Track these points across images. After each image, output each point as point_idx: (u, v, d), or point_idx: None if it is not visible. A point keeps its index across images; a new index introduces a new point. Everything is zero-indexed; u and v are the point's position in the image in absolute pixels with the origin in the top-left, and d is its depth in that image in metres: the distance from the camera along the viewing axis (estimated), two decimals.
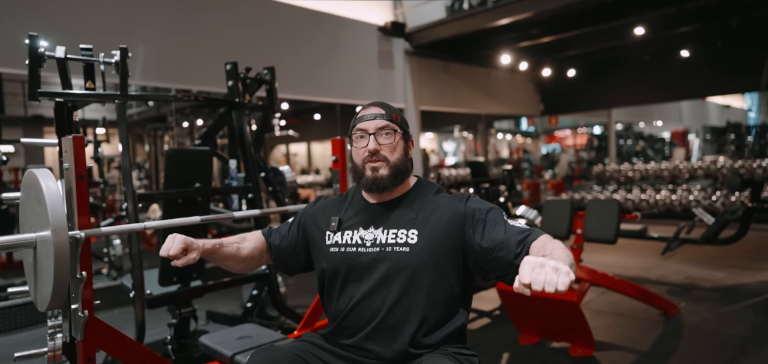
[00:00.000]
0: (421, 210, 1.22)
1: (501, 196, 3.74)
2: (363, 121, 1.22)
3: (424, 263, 1.16)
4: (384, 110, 1.23)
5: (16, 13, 4.28)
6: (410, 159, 1.27)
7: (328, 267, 1.24)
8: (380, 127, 1.21)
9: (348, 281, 1.21)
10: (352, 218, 1.26)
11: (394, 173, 1.21)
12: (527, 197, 9.43)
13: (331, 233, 1.26)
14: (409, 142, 1.27)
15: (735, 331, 2.87)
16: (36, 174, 1.26)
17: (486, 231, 1.14)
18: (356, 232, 1.23)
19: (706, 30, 8.02)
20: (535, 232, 1.11)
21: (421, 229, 1.18)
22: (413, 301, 1.15)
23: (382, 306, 1.16)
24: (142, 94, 4.45)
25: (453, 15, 7.28)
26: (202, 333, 1.81)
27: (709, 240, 3.98)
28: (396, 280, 1.16)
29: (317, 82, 6.74)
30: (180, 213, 2.30)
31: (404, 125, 1.26)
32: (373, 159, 1.20)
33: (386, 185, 1.20)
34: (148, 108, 11.03)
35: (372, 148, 1.20)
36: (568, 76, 10.18)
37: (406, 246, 1.17)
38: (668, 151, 16.35)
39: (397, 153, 1.22)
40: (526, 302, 2.74)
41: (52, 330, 1.59)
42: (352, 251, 1.21)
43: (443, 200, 1.23)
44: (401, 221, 1.21)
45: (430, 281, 1.16)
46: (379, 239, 1.20)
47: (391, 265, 1.17)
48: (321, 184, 9.17)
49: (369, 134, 1.20)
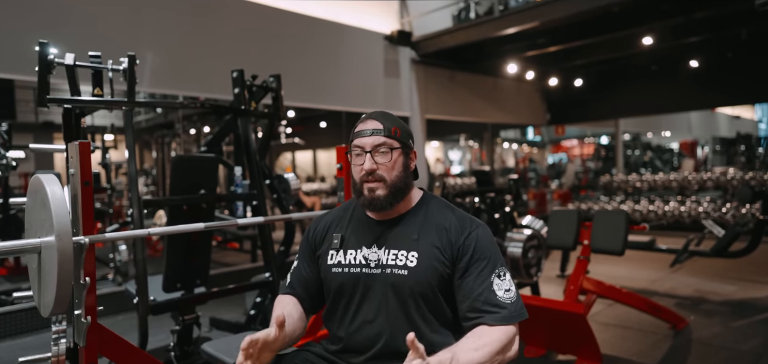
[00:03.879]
0: (423, 231, 1.18)
1: (507, 205, 3.71)
2: (360, 136, 1.16)
3: (422, 287, 1.13)
4: (382, 124, 1.16)
5: (27, 20, 4.34)
6: (412, 173, 1.22)
7: (332, 287, 1.22)
8: (377, 144, 1.15)
9: (352, 302, 1.19)
10: (354, 236, 1.23)
11: (393, 193, 1.16)
12: (533, 207, 9.36)
13: (333, 252, 1.23)
14: (410, 155, 1.21)
15: (746, 346, 2.81)
16: (42, 180, 1.27)
17: (468, 274, 1.13)
18: (359, 251, 1.20)
19: (715, 40, 7.96)
20: (502, 314, 1.07)
21: (421, 251, 1.15)
22: (413, 324, 1.14)
23: (385, 329, 1.15)
24: (150, 101, 4.49)
25: (459, 24, 7.30)
26: (205, 340, 1.81)
27: (719, 253, 3.92)
28: (396, 302, 1.15)
29: (323, 90, 6.77)
30: (185, 219, 2.31)
31: (404, 138, 1.19)
32: (369, 179, 1.15)
33: (383, 206, 1.16)
34: (155, 115, 11.13)
35: (368, 168, 1.14)
36: (575, 86, 10.14)
37: (406, 269, 1.15)
38: (677, 162, 16.21)
39: (395, 171, 1.16)
40: (532, 314, 2.70)
41: (56, 335, 1.59)
42: (356, 272, 1.19)
43: (446, 222, 1.18)
44: (402, 241, 1.17)
45: (429, 304, 1.14)
46: (381, 259, 1.17)
47: (391, 287, 1.15)
48: (326, 191, 9.17)
49: (366, 152, 1.15)
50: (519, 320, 1.10)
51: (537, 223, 3.65)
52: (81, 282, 1.35)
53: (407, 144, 1.20)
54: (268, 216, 2.46)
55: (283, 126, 10.08)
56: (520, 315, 1.10)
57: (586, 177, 14.28)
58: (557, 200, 10.14)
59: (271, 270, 2.52)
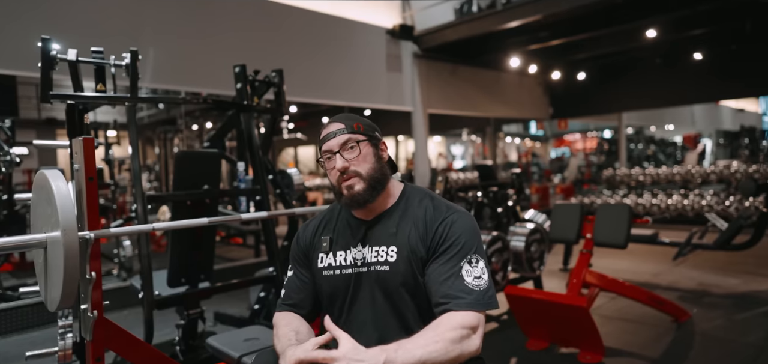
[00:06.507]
0: (401, 224, 1.19)
1: (509, 200, 3.71)
2: (326, 140, 1.18)
3: (404, 279, 1.14)
4: (343, 123, 1.18)
5: (29, 16, 4.35)
6: (386, 163, 1.22)
7: (325, 290, 1.23)
8: (343, 142, 1.16)
9: (344, 304, 1.21)
10: (342, 237, 1.24)
11: (371, 184, 1.16)
12: (536, 201, 9.35)
13: (323, 255, 1.24)
14: (379, 145, 1.21)
15: (748, 339, 2.81)
16: (46, 175, 1.27)
17: (437, 259, 1.12)
18: (349, 252, 1.21)
19: (719, 32, 7.91)
20: (466, 300, 1.05)
21: (399, 245, 1.16)
22: (403, 318, 1.15)
23: (378, 326, 1.16)
24: (153, 97, 4.50)
25: (462, 18, 7.27)
26: (209, 334, 1.82)
27: (722, 246, 3.91)
28: (383, 298, 1.16)
29: (325, 85, 6.76)
30: (189, 215, 2.32)
31: (369, 130, 1.19)
32: (345, 178, 1.16)
33: (365, 199, 1.16)
34: (158, 111, 11.15)
35: (340, 166, 1.15)
36: (577, 79, 10.10)
37: (387, 265, 1.16)
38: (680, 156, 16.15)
39: (368, 163, 1.17)
40: (534, 307, 2.71)
41: (62, 330, 1.60)
42: (347, 272, 1.20)
43: (423, 211, 1.18)
44: (382, 237, 1.19)
45: (414, 296, 1.15)
46: (366, 258, 1.19)
47: (377, 284, 1.17)
48: (328, 187, 9.19)
49: (334, 153, 1.16)
50: (484, 309, 1.07)
51: (540, 217, 3.65)
52: (87, 277, 1.36)
53: (373, 136, 1.20)
54: (271, 211, 2.47)
55: (285, 121, 10.07)
56: (486, 304, 1.07)
57: (589, 171, 14.24)
58: (560, 194, 10.13)
59: (274, 265, 2.53)
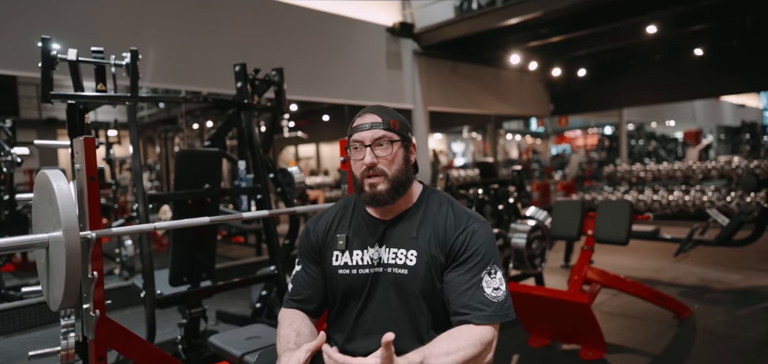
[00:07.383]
0: (421, 228, 1.17)
1: (510, 197, 3.71)
2: (359, 130, 1.15)
3: (422, 285, 1.13)
4: (380, 117, 1.15)
5: (29, 16, 4.35)
6: (412, 166, 1.21)
7: (340, 289, 1.21)
8: (377, 138, 1.14)
9: (358, 303, 1.19)
10: (358, 236, 1.22)
11: (394, 187, 1.14)
12: (537, 198, 9.35)
13: (338, 253, 1.21)
14: (410, 147, 1.20)
15: (750, 334, 2.81)
16: (48, 175, 1.27)
17: (458, 269, 1.11)
18: (366, 252, 1.19)
19: (720, 28, 7.89)
20: (486, 313, 1.06)
21: (419, 250, 1.15)
22: (416, 323, 1.14)
23: (389, 328, 1.13)
24: (153, 96, 4.51)
25: (462, 15, 7.25)
26: (211, 333, 1.82)
27: (724, 242, 3.91)
28: (398, 301, 1.15)
29: (325, 83, 6.76)
30: (190, 214, 2.32)
31: (403, 130, 1.17)
32: (370, 174, 1.14)
33: (386, 200, 1.15)
34: (158, 110, 11.15)
35: (369, 161, 1.12)
36: (578, 76, 10.08)
37: (405, 268, 1.15)
38: (681, 152, 16.12)
39: (396, 164, 1.15)
40: (536, 304, 2.71)
41: (65, 329, 1.60)
42: (365, 272, 1.18)
43: (443, 218, 1.17)
44: (402, 240, 1.17)
45: (431, 302, 1.14)
46: (383, 258, 1.17)
47: (393, 286, 1.15)
48: (330, 185, 9.18)
49: (365, 146, 1.14)
50: (503, 320, 1.08)
51: (541, 214, 3.65)
52: (89, 276, 1.37)
53: (407, 137, 1.19)
54: (272, 210, 2.47)
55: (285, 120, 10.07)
56: (504, 315, 1.08)
57: (590, 167, 14.22)
58: (561, 191, 10.12)
59: (276, 263, 2.54)
